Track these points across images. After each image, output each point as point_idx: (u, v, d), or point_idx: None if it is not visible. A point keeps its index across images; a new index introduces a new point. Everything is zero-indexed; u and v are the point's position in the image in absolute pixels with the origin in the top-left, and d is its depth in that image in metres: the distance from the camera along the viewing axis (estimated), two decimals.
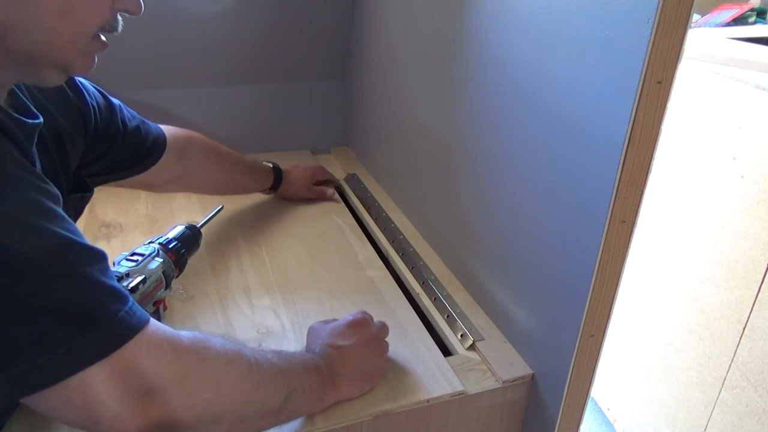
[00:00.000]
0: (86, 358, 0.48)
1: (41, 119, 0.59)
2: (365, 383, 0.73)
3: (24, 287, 0.46)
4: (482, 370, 0.81)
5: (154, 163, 0.91)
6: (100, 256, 0.52)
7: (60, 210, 0.51)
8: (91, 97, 0.77)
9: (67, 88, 0.71)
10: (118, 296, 0.51)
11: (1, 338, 0.46)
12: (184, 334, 0.57)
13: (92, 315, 0.49)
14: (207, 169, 1.04)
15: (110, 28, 0.56)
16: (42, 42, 0.52)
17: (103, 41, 0.56)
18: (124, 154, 0.85)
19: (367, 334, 0.75)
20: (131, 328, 0.51)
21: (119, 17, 0.57)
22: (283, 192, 1.19)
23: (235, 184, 1.12)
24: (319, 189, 1.23)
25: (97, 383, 0.49)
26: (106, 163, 0.82)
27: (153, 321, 0.54)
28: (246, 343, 0.82)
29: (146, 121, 0.91)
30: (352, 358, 0.72)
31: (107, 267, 0.52)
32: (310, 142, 1.49)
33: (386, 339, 0.78)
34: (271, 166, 1.17)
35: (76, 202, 0.73)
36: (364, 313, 0.77)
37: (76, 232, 0.51)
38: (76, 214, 0.74)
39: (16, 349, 0.46)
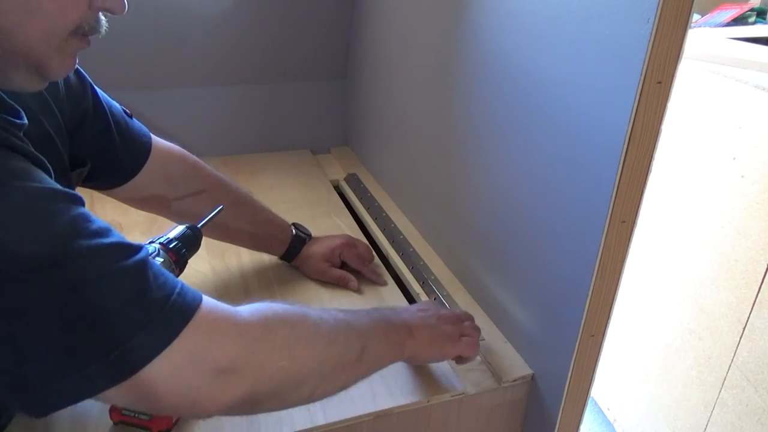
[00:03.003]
0: (144, 356, 0.48)
1: (26, 121, 0.56)
2: (435, 343, 0.71)
3: (73, 294, 0.46)
4: (482, 370, 0.81)
5: (132, 169, 0.81)
6: (137, 249, 0.51)
7: (86, 211, 0.51)
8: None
9: None
10: (164, 284, 0.51)
11: (62, 345, 0.46)
12: (243, 307, 0.56)
13: (141, 311, 0.49)
14: (199, 208, 0.88)
15: (90, 29, 0.53)
16: (9, 41, 0.49)
17: (85, 40, 0.54)
18: (93, 139, 0.75)
19: (439, 309, 0.76)
20: (184, 315, 0.50)
21: (101, 17, 0.54)
22: (296, 266, 1.01)
23: (231, 239, 0.98)
24: (339, 275, 0.97)
25: (164, 375, 0.49)
26: (78, 146, 0.73)
27: (207, 299, 0.53)
28: None
29: (134, 128, 0.82)
30: (423, 317, 0.72)
31: (147, 257, 0.52)
32: (310, 142, 1.49)
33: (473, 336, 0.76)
34: (292, 234, 0.98)
35: (77, 176, 0.72)
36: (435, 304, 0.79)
37: (105, 231, 0.50)
38: (75, 186, 0.72)
39: (75, 354, 0.46)
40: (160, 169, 0.85)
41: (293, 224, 1.00)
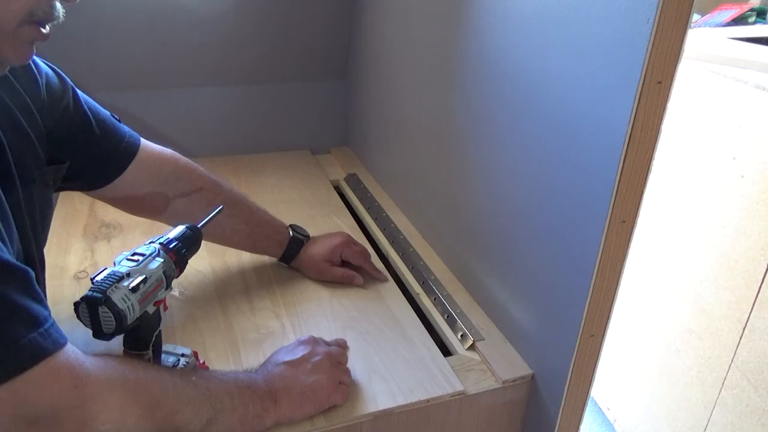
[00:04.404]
0: None
1: None
2: (306, 402, 0.69)
3: None
4: (482, 370, 0.81)
5: (116, 168, 0.80)
6: (17, 274, 0.50)
7: None
8: (39, 71, 0.70)
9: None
10: (28, 319, 0.50)
11: None
12: (94, 361, 0.55)
13: None
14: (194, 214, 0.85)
15: (45, 15, 0.54)
16: None
17: (39, 30, 0.54)
18: (73, 137, 0.75)
19: (315, 350, 0.74)
20: (32, 356, 0.49)
21: (56, 4, 0.54)
22: (296, 267, 1.00)
23: (227, 240, 0.96)
24: (342, 274, 0.97)
25: None
26: (57, 144, 0.73)
27: (66, 348, 0.52)
28: (245, 345, 0.82)
29: (122, 129, 0.81)
30: (294, 373, 0.70)
31: (27, 285, 0.51)
32: (310, 142, 1.49)
33: (347, 366, 0.76)
34: (290, 236, 0.97)
35: (54, 172, 0.71)
36: (313, 336, 0.77)
37: None
38: (54, 183, 0.72)
39: None
40: (149, 169, 0.84)
41: (291, 226, 0.99)
